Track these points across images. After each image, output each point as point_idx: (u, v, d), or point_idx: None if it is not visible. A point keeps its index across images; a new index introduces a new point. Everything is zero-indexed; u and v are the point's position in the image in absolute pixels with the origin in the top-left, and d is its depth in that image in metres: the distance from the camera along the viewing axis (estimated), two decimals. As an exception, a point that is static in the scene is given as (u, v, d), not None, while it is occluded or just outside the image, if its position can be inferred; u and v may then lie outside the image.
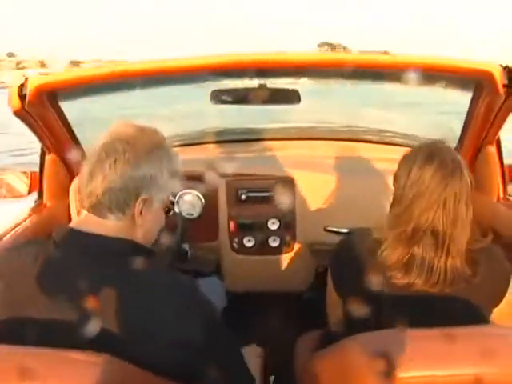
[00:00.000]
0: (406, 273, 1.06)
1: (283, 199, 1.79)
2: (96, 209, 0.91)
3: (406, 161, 1.10)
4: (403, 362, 0.79)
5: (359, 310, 1.09)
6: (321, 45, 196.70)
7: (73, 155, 1.81)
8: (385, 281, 1.07)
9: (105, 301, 0.84)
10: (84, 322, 0.83)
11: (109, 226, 0.92)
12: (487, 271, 1.07)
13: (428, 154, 1.07)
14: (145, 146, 0.93)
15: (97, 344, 0.79)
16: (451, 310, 1.02)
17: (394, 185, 1.14)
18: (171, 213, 1.05)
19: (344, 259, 1.20)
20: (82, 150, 1.87)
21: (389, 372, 0.78)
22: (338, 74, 1.61)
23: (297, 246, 1.82)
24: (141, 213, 0.93)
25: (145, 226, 0.96)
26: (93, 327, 0.83)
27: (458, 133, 1.71)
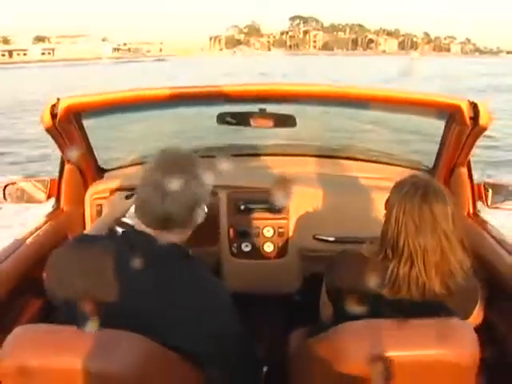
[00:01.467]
0: (393, 290, 1.20)
1: (278, 209, 1.98)
2: (165, 224, 1.11)
3: (398, 190, 1.23)
4: (386, 345, 1.00)
5: (348, 312, 1.27)
6: (293, 18, 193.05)
7: (89, 166, 2.00)
8: (374, 294, 1.20)
9: (161, 294, 1.07)
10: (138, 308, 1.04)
11: (171, 237, 1.13)
12: (461, 290, 1.21)
13: (418, 185, 1.20)
14: (198, 169, 1.13)
15: (142, 324, 1.00)
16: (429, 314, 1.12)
17: (385, 208, 1.27)
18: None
19: (337, 271, 1.35)
20: (96, 161, 2.07)
21: (374, 354, 0.98)
22: (326, 103, 1.82)
23: (289, 251, 2.01)
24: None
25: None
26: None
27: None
